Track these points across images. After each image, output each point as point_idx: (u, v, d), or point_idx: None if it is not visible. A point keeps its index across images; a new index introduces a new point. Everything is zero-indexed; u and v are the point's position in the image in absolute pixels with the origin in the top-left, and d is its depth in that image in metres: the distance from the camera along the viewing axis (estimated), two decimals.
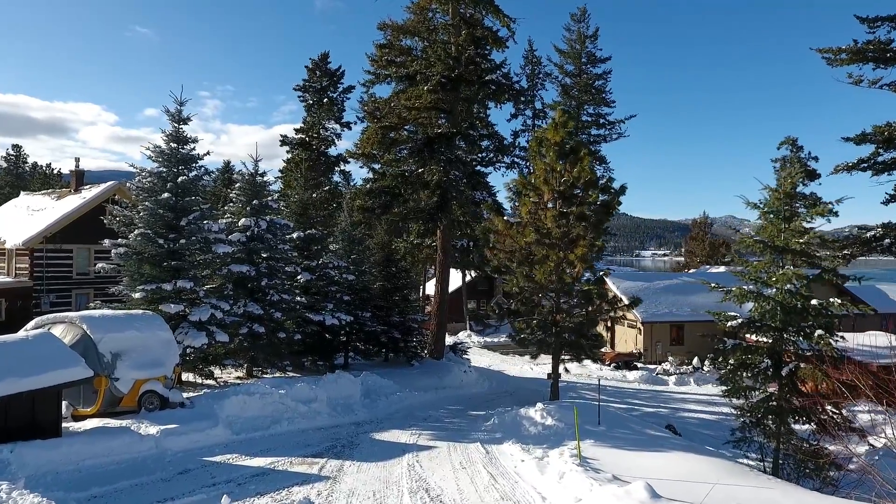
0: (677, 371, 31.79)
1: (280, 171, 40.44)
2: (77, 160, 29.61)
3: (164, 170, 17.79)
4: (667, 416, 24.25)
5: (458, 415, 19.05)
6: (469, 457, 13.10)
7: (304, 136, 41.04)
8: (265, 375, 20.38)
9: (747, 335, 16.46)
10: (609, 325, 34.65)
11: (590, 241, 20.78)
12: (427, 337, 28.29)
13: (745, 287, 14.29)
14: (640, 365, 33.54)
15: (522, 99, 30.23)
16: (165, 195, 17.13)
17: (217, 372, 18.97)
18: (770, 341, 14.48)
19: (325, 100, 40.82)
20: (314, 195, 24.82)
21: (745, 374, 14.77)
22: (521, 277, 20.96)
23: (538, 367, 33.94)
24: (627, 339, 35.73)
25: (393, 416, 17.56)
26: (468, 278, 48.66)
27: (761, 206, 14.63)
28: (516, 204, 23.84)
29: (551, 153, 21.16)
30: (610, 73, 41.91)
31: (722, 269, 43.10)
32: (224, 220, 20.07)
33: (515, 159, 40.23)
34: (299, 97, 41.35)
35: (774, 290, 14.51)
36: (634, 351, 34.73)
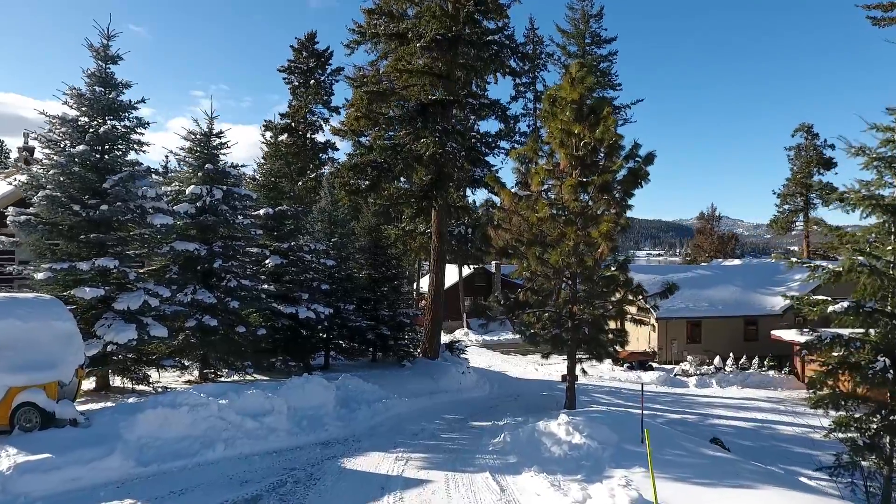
0: (697, 372, 27.54)
1: (263, 157, 36.02)
2: (26, 135, 25.06)
3: (85, 119, 13.43)
4: (696, 424, 20.13)
5: (457, 427, 14.72)
6: (477, 497, 8.76)
7: (289, 121, 36.66)
8: (221, 379, 16.01)
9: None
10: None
11: (614, 216, 16.60)
12: (420, 334, 23.97)
13: (857, 258, 9.96)
14: (655, 365, 29.29)
15: (526, 67, 26.05)
16: (81, 148, 12.73)
17: (154, 375, 14.54)
18: (880, 333, 10.20)
19: (312, 81, 36.48)
20: (289, 166, 20.43)
21: (844, 378, 10.48)
22: (533, 260, 16.66)
23: (543, 368, 29.73)
24: (640, 336, 31.39)
25: (375, 432, 13.21)
26: (465, 273, 44.38)
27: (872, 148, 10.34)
28: (525, 176, 19.61)
29: (568, 112, 16.92)
30: (616, 55, 37.85)
31: (737, 261, 38.96)
32: (172, 188, 15.73)
33: (516, 145, 36.08)
34: (284, 79, 36.92)
35: (885, 262, 10.24)
36: (648, 350, 30.46)
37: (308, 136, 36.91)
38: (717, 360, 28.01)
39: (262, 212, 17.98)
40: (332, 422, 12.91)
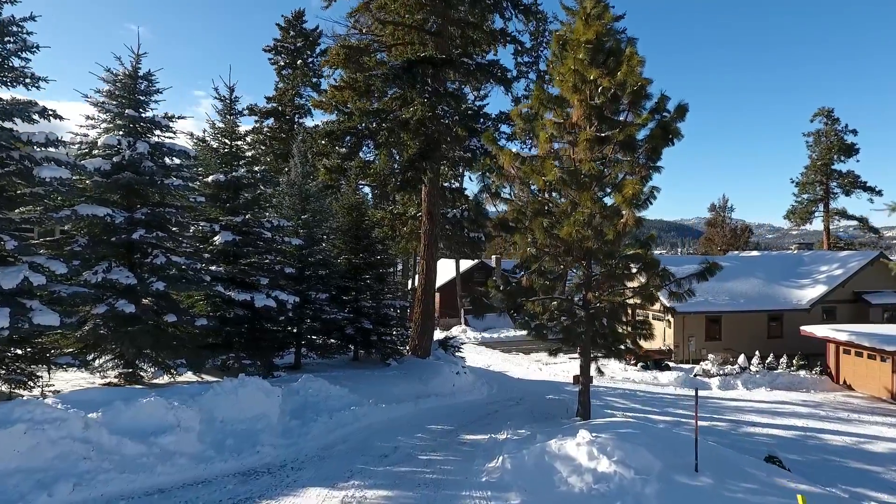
0: (720, 372, 23.67)
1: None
2: None
3: None
4: (729, 434, 16.50)
5: (443, 443, 10.94)
6: None
7: (275, 105, 33.08)
8: (156, 381, 12.30)
9: None
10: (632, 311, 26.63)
11: (640, 180, 12.88)
12: (411, 329, 20.24)
13: None
14: (671, 364, 25.47)
15: (530, 31, 22.36)
16: None
17: (49, 377, 10.82)
18: None
19: (299, 62, 32.89)
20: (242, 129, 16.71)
21: None
22: (540, 232, 12.89)
23: (547, 368, 25.96)
24: (654, 332, 27.60)
25: (330, 452, 9.43)
26: (463, 268, 40.66)
27: None
28: (528, 138, 16.12)
29: (581, 54, 13.20)
30: (624, 33, 34.01)
31: (755, 252, 35.13)
32: (88, 139, 12.04)
33: (517, 131, 32.33)
34: (269, 59, 33.37)
35: None
36: (664, 347, 26.63)
37: (296, 120, 33.32)
38: (741, 358, 24.16)
39: (211, 178, 14.30)
40: (271, 440, 9.15)
